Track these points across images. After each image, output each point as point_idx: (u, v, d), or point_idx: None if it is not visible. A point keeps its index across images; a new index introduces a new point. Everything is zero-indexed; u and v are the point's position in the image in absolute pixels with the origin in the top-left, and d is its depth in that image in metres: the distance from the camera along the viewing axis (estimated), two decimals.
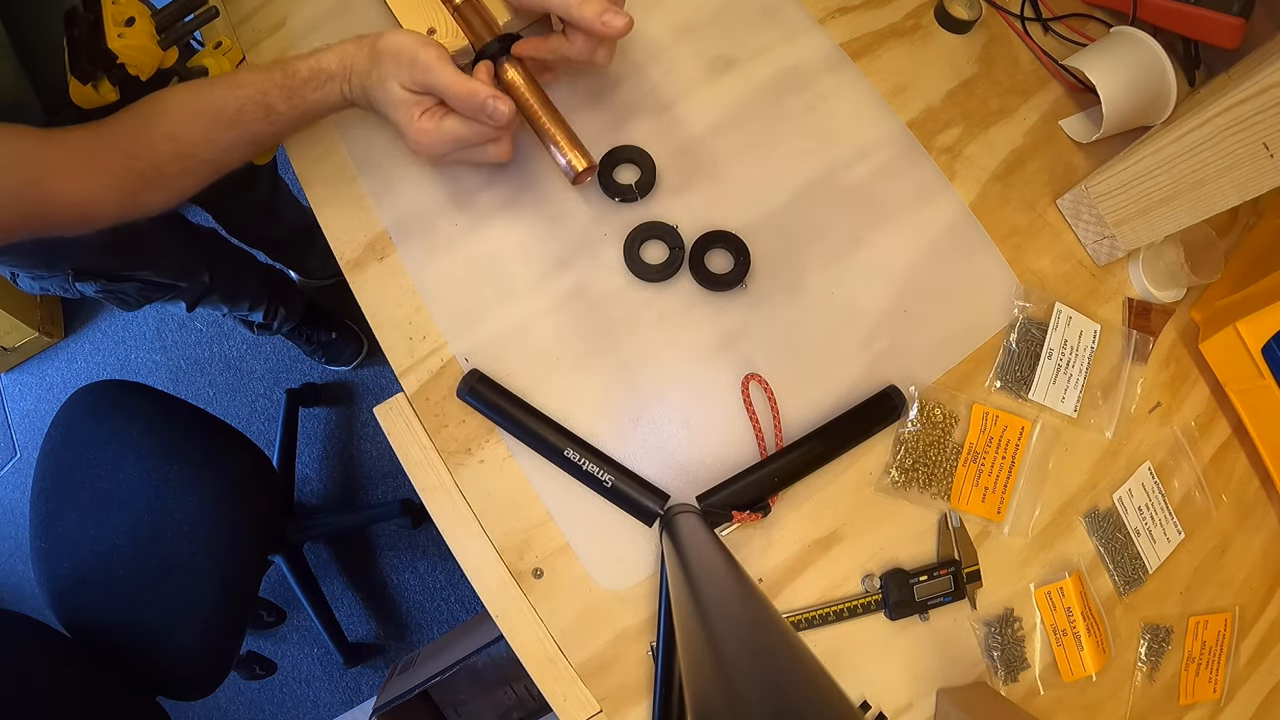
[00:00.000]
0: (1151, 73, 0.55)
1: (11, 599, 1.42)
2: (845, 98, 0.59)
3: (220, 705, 1.34)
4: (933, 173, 0.58)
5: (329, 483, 1.40)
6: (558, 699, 0.48)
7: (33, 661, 0.75)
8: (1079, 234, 0.59)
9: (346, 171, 0.57)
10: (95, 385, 0.89)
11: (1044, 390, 0.55)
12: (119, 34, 0.51)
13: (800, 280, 0.55)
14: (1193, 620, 0.56)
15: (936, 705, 0.50)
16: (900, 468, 0.52)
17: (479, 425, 0.52)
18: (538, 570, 0.50)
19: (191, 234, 0.94)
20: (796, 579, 0.51)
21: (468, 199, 0.56)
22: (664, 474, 0.51)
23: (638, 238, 0.54)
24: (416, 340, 0.53)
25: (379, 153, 0.57)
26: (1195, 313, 0.60)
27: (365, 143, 0.57)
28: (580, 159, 0.50)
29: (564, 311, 0.53)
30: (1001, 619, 0.52)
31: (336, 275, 1.07)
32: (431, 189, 0.56)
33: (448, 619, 1.33)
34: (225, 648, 0.86)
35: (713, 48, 0.59)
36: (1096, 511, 0.55)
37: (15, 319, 1.38)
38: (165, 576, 0.81)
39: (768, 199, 0.56)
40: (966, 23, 0.61)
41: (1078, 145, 0.61)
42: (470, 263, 0.54)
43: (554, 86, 0.57)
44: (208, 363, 1.46)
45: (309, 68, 0.49)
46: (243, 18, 0.61)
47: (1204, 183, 0.48)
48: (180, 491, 0.83)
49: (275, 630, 1.36)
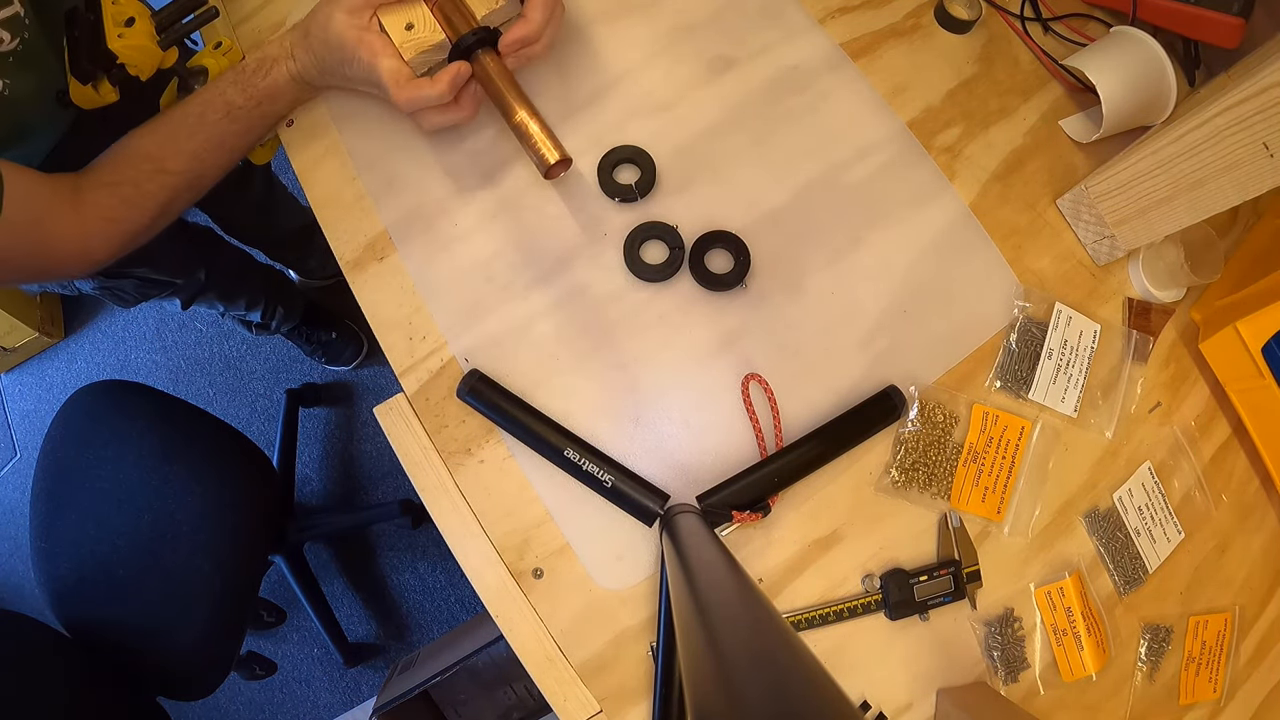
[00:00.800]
0: (1151, 73, 0.55)
1: (11, 599, 1.42)
2: (845, 98, 0.59)
3: (220, 705, 1.34)
4: (933, 173, 0.58)
5: (329, 483, 1.40)
6: (558, 699, 0.48)
7: (33, 661, 0.75)
8: (1079, 234, 0.59)
9: (346, 171, 0.57)
10: (95, 385, 0.89)
11: (1044, 390, 0.55)
12: (119, 34, 0.52)
13: (800, 280, 0.55)
14: (1193, 620, 0.56)
15: (936, 705, 0.50)
16: (900, 468, 0.52)
17: (479, 425, 0.52)
18: (538, 570, 0.50)
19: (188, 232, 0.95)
20: (796, 579, 0.51)
21: (468, 199, 0.56)
22: (664, 474, 0.51)
23: (638, 238, 0.54)
24: (416, 340, 0.53)
25: (379, 153, 0.57)
26: (1195, 313, 0.60)
27: (365, 143, 0.57)
28: (552, 151, 0.49)
29: (564, 311, 0.53)
30: (1001, 619, 0.52)
31: (336, 275, 1.07)
32: (431, 189, 0.56)
33: (448, 619, 1.33)
34: (225, 648, 0.86)
35: (713, 48, 0.59)
36: (1096, 511, 0.55)
37: (15, 319, 1.38)
38: (165, 576, 0.81)
39: (768, 199, 0.56)
40: (966, 23, 0.61)
41: (1078, 145, 0.61)
42: (470, 263, 0.54)
43: (555, 85, 0.57)
44: (208, 363, 1.46)
45: (255, 59, 0.53)
46: (243, 18, 0.61)
47: (1204, 183, 0.48)
48: (180, 491, 0.83)
49: (275, 630, 1.36)
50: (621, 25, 0.60)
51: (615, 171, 0.56)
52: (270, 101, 0.53)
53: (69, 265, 0.52)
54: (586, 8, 0.60)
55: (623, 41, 0.59)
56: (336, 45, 0.50)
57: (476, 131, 0.57)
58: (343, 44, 0.50)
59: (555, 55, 0.58)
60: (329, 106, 0.58)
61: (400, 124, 0.57)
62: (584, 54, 0.59)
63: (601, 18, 0.60)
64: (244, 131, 0.54)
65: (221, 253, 1.03)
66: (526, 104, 0.50)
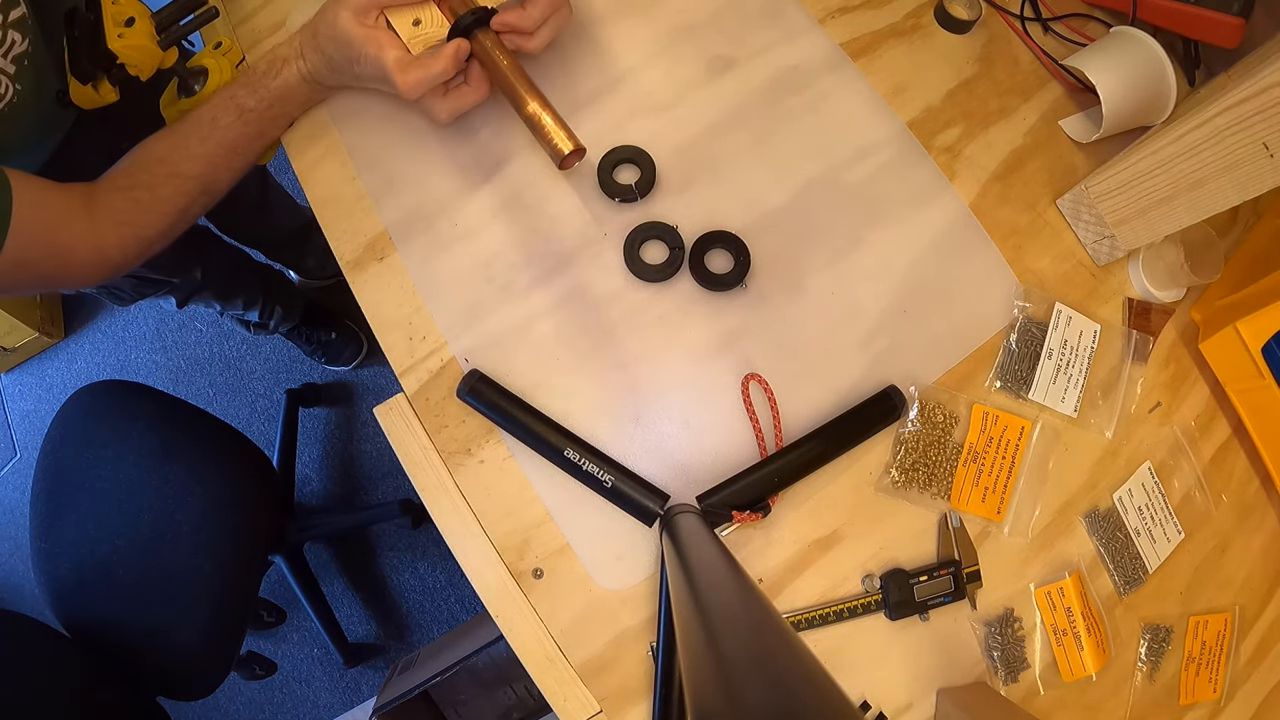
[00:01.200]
0: (1151, 73, 0.55)
1: (11, 599, 1.42)
2: (845, 98, 0.59)
3: (220, 705, 1.34)
4: (932, 173, 0.58)
5: (329, 483, 1.40)
6: (558, 699, 0.48)
7: (33, 661, 0.75)
8: (1079, 234, 0.59)
9: (346, 171, 0.57)
10: (95, 385, 0.89)
11: (1044, 390, 0.55)
12: (119, 34, 0.52)
13: (800, 280, 0.55)
14: (1193, 620, 0.56)
15: (936, 705, 0.50)
16: (900, 468, 0.52)
17: (479, 425, 0.52)
18: (538, 570, 0.50)
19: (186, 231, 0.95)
20: (796, 579, 0.51)
21: (468, 198, 0.56)
22: (664, 474, 0.51)
23: (638, 238, 0.54)
24: (416, 340, 0.53)
25: (379, 152, 0.57)
26: (1195, 313, 0.60)
27: (365, 142, 0.57)
28: (566, 141, 0.48)
29: (564, 311, 0.53)
30: (1001, 619, 0.52)
31: (335, 275, 1.07)
32: (432, 189, 0.56)
33: (448, 619, 1.33)
34: (225, 648, 0.86)
35: (713, 48, 0.59)
36: (1096, 511, 0.55)
37: (15, 319, 1.38)
38: (165, 577, 0.81)
39: (768, 199, 0.56)
40: (966, 23, 0.61)
41: (1078, 145, 0.61)
42: (470, 263, 0.54)
43: (555, 85, 0.57)
44: (208, 363, 1.46)
45: (265, 60, 0.54)
46: (243, 18, 0.61)
47: (1204, 183, 0.48)
48: (180, 491, 0.83)
49: (275, 630, 1.36)
50: (622, 25, 0.60)
51: (615, 171, 0.56)
52: (282, 103, 0.54)
53: (85, 271, 0.52)
54: (587, 8, 0.60)
55: (623, 42, 0.59)
56: (344, 42, 0.50)
57: (477, 131, 0.57)
58: (350, 41, 0.50)
59: (556, 55, 0.58)
60: (329, 107, 0.58)
61: (400, 124, 0.57)
62: (584, 54, 0.59)
63: (602, 18, 0.60)
64: (256, 134, 0.54)
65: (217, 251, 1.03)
66: (538, 95, 0.50)
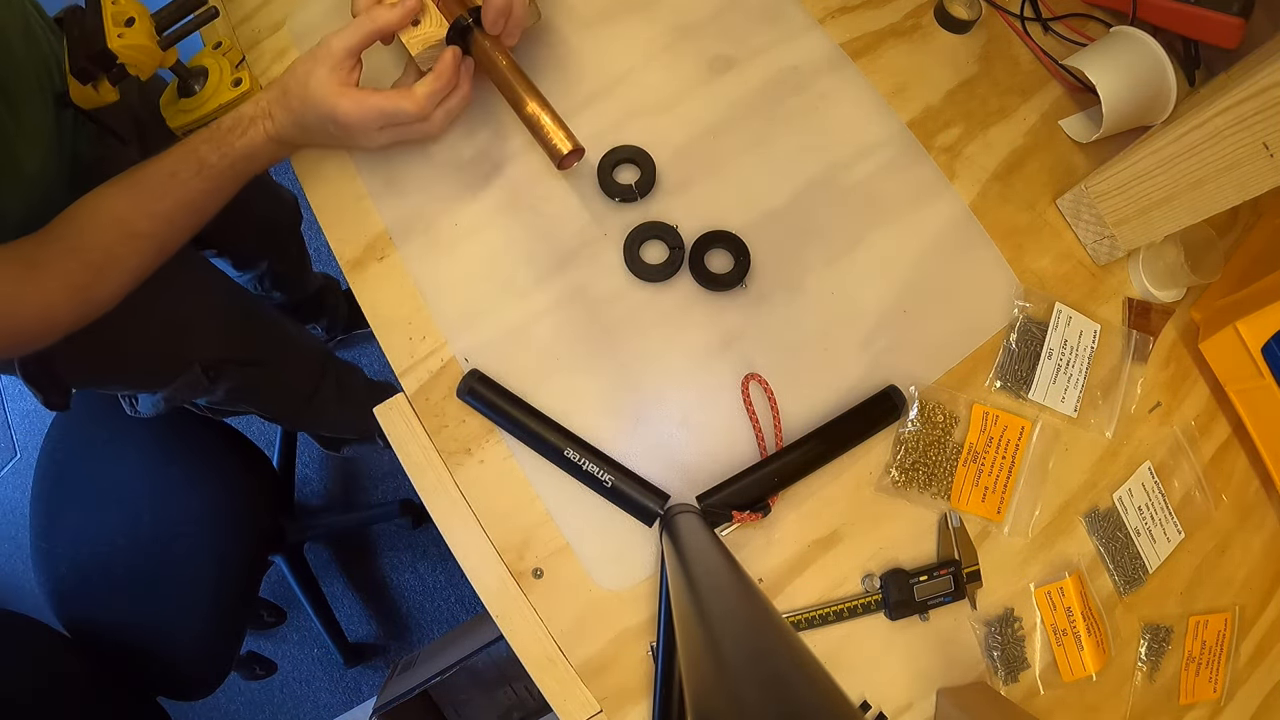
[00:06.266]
0: (1151, 73, 0.55)
1: (11, 599, 1.42)
2: (845, 98, 0.59)
3: (220, 705, 1.34)
4: (933, 172, 0.58)
5: (329, 483, 1.40)
6: (558, 699, 0.48)
7: (33, 661, 0.75)
8: (1079, 234, 0.59)
9: (346, 171, 0.57)
10: None
11: (1044, 390, 0.55)
12: (119, 34, 0.51)
13: (800, 280, 0.55)
14: (1193, 620, 0.56)
15: (936, 705, 0.50)
16: (900, 468, 0.52)
17: (479, 425, 0.52)
18: (538, 570, 0.50)
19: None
20: (796, 579, 0.51)
21: (468, 199, 0.56)
22: (664, 474, 0.51)
23: (638, 238, 0.54)
24: (416, 340, 0.53)
25: (379, 153, 0.57)
26: (1195, 312, 0.60)
27: None
28: (565, 141, 0.48)
29: (564, 311, 0.53)
30: (1001, 619, 0.52)
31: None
32: (432, 189, 0.56)
33: (448, 619, 1.33)
34: (225, 648, 0.86)
35: (713, 48, 0.59)
36: (1096, 511, 0.55)
37: None
38: (165, 577, 0.82)
39: (768, 199, 0.56)
40: (966, 23, 0.61)
41: (1078, 145, 0.61)
42: (470, 263, 0.54)
43: (555, 85, 0.57)
44: None
45: (231, 118, 0.51)
46: (243, 18, 0.61)
47: (1204, 183, 0.48)
48: (180, 492, 0.83)
49: (275, 630, 1.36)
50: (622, 25, 0.60)
51: (615, 171, 0.56)
52: (245, 161, 0.51)
53: (31, 337, 0.49)
54: (587, 7, 0.60)
55: (623, 41, 0.59)
56: (317, 102, 0.48)
57: (476, 131, 0.57)
58: (324, 99, 0.47)
59: (556, 54, 0.58)
60: None
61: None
62: (584, 54, 0.59)
63: (602, 18, 0.60)
64: (215, 190, 0.51)
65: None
66: (537, 95, 0.50)
